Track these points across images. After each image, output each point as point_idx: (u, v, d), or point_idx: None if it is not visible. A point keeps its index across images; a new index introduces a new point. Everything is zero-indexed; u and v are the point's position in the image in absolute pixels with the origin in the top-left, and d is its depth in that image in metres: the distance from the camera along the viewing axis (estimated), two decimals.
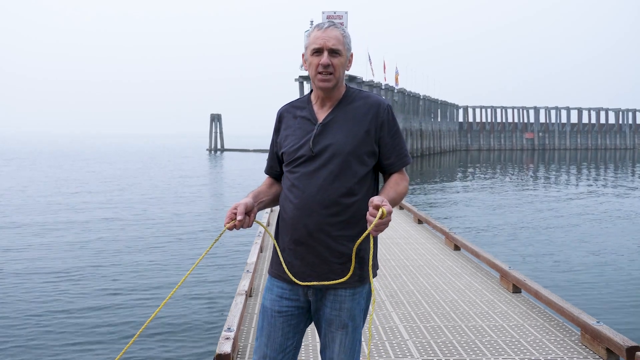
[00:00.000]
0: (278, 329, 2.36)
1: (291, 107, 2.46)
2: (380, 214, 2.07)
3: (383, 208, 2.06)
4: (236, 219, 2.23)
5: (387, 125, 2.36)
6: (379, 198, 2.09)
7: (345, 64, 2.34)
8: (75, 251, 11.81)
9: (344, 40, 2.31)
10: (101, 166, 42.12)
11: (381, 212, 2.06)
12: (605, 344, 3.98)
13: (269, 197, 2.47)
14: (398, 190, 2.34)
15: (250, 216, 2.30)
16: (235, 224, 2.23)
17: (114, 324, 7.21)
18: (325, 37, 2.28)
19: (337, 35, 2.30)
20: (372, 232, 2.09)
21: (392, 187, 2.33)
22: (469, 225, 15.45)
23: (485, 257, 6.74)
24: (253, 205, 2.33)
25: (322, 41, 2.28)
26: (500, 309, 5.24)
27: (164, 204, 20.21)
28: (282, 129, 2.45)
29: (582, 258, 11.33)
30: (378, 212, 2.07)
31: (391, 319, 4.99)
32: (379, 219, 2.06)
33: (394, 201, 2.30)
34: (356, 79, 46.57)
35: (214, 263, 10.67)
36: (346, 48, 2.32)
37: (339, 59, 2.30)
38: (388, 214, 2.07)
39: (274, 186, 2.51)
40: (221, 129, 71.06)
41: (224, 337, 3.93)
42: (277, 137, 2.48)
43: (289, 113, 2.46)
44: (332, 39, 2.28)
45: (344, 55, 2.32)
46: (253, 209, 2.33)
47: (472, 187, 27.32)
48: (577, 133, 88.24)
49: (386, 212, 2.06)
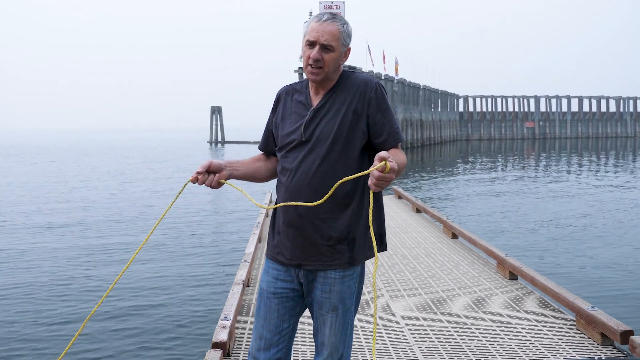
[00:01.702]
0: (274, 311, 2.40)
1: (291, 89, 2.49)
2: (380, 166, 1.95)
3: (387, 161, 1.95)
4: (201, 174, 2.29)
5: (375, 102, 2.34)
6: (384, 153, 2.00)
7: (338, 58, 2.32)
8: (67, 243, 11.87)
9: (340, 36, 2.30)
10: (104, 161, 42.17)
11: (383, 164, 1.95)
12: (600, 328, 4.00)
13: (246, 168, 2.48)
14: (398, 159, 2.24)
15: (215, 175, 2.33)
16: (195, 177, 2.30)
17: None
18: (320, 31, 2.27)
19: (333, 30, 2.28)
20: (372, 187, 2.01)
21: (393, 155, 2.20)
22: (469, 214, 15.48)
23: (482, 245, 6.76)
24: (222, 167, 2.36)
25: (317, 34, 2.27)
26: (497, 296, 5.27)
27: (167, 197, 20.26)
28: (280, 110, 2.48)
29: (579, 245, 11.36)
30: (380, 163, 1.96)
31: (387, 306, 5.02)
32: (379, 171, 1.96)
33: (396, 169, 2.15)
34: (356, 70, 46.52)
35: (213, 253, 10.72)
36: (341, 43, 2.31)
37: (331, 55, 2.29)
38: (391, 170, 1.98)
39: (259, 162, 2.53)
40: (222, 121, 71.01)
41: (221, 325, 3.96)
42: (273, 116, 2.51)
43: (287, 94, 2.48)
44: (326, 34, 2.27)
45: (337, 51, 2.30)
46: (222, 171, 2.35)
47: (472, 177, 27.32)
48: (578, 121, 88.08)
49: (389, 167, 1.96)
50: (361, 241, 2.38)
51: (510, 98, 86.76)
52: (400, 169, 2.21)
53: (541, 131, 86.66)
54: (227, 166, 2.39)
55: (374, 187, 2.00)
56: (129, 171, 30.21)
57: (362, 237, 2.38)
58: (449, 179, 26.41)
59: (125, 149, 62.12)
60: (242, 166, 2.46)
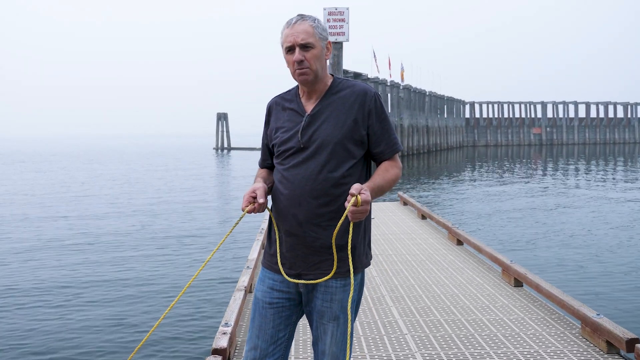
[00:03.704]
0: (269, 321, 2.37)
1: (280, 99, 2.47)
2: (353, 201, 2.09)
3: (358, 196, 2.08)
4: (255, 202, 2.24)
5: (374, 113, 2.34)
6: (357, 186, 2.11)
7: (320, 54, 2.30)
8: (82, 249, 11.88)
9: (314, 31, 2.28)
10: (113, 167, 42.30)
11: (354, 199, 2.09)
12: (606, 336, 3.94)
13: (272, 183, 2.48)
14: (386, 177, 2.32)
15: (266, 200, 2.33)
16: (255, 207, 2.23)
17: (127, 316, 7.23)
18: (294, 34, 2.27)
19: (306, 29, 2.27)
20: (351, 219, 2.12)
21: (380, 174, 2.32)
22: (474, 221, 15.39)
23: (487, 252, 6.70)
24: (266, 190, 2.36)
25: (292, 38, 2.27)
26: (501, 303, 5.21)
27: (175, 204, 20.26)
28: (272, 121, 2.46)
29: (584, 252, 11.25)
30: (352, 199, 2.09)
31: (390, 313, 4.97)
32: (353, 205, 2.09)
33: (381, 188, 2.29)
34: (361, 76, 46.44)
35: (215, 258, 10.69)
36: (319, 38, 2.29)
37: (312, 52, 2.28)
38: (364, 202, 2.09)
39: (271, 175, 2.53)
40: (228, 127, 71.10)
41: (221, 332, 3.93)
42: (267, 129, 2.49)
43: (277, 105, 2.46)
44: (301, 34, 2.26)
45: (318, 46, 2.29)
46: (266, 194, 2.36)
47: (478, 183, 27.20)
48: (585, 127, 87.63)
49: (360, 201, 2.09)
50: (361, 249, 2.36)
51: (516, 104, 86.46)
52: (387, 188, 2.33)
53: (548, 137, 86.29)
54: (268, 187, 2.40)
55: (352, 220, 2.13)
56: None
57: (362, 245, 2.36)
58: (455, 185, 26.31)
59: (137, 155, 62.34)
60: (269, 182, 2.46)
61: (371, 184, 2.24)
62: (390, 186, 2.34)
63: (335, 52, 12.83)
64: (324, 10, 12.66)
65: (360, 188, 2.11)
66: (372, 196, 2.20)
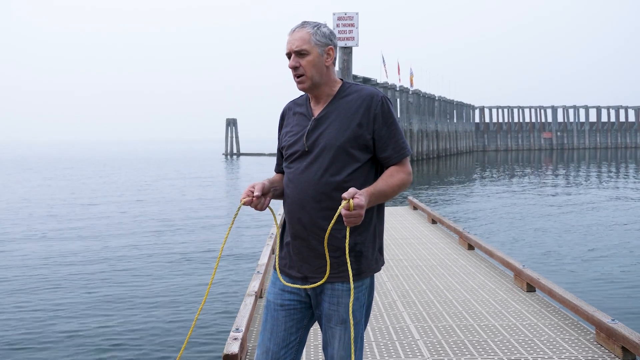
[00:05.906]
0: (281, 323, 2.37)
1: (293, 104, 2.50)
2: (344, 205, 2.09)
3: (351, 200, 2.09)
4: (253, 195, 2.26)
5: (381, 117, 2.31)
6: (352, 190, 2.11)
7: (316, 61, 2.30)
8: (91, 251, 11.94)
9: (311, 38, 2.28)
10: (123, 173, 42.53)
11: (346, 202, 2.09)
12: (621, 342, 3.89)
13: (281, 188, 2.48)
14: (390, 182, 2.29)
15: (266, 199, 2.34)
16: (252, 199, 2.26)
17: (142, 323, 7.25)
18: (290, 41, 2.31)
19: (302, 36, 2.29)
20: (345, 223, 2.13)
21: (384, 179, 2.30)
22: (485, 225, 15.30)
23: (499, 256, 6.64)
24: (269, 189, 2.36)
25: (289, 45, 2.31)
26: (514, 308, 5.16)
27: (185, 209, 20.33)
28: (284, 126, 2.49)
29: (598, 256, 11.15)
30: (344, 202, 2.09)
31: (402, 319, 4.94)
32: (346, 210, 2.09)
33: (383, 193, 2.26)
34: (370, 81, 46.48)
35: (225, 263, 10.70)
36: (314, 45, 2.29)
37: (307, 59, 2.29)
38: (356, 206, 2.09)
39: (282, 180, 2.52)
40: (237, 133, 71.31)
41: (232, 337, 3.92)
42: (280, 134, 2.52)
43: (290, 110, 2.50)
44: (296, 41, 2.29)
45: (313, 53, 2.29)
46: (269, 192, 2.36)
47: (488, 188, 27.07)
48: (596, 132, 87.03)
49: (353, 205, 2.08)
50: (369, 253, 2.34)
51: (527, 109, 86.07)
52: (390, 194, 2.29)
53: (559, 142, 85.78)
54: (270, 187, 2.39)
55: (347, 224, 2.12)
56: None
57: (369, 249, 2.34)
58: (465, 190, 26.20)
59: (145, 161, 62.66)
60: (279, 185, 2.47)
61: (371, 189, 2.22)
62: (395, 191, 2.30)
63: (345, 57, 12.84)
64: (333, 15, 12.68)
65: (355, 192, 2.10)
66: (371, 201, 2.19)
